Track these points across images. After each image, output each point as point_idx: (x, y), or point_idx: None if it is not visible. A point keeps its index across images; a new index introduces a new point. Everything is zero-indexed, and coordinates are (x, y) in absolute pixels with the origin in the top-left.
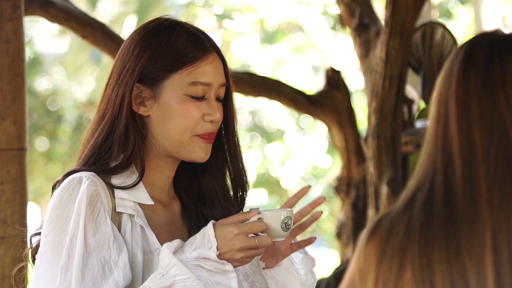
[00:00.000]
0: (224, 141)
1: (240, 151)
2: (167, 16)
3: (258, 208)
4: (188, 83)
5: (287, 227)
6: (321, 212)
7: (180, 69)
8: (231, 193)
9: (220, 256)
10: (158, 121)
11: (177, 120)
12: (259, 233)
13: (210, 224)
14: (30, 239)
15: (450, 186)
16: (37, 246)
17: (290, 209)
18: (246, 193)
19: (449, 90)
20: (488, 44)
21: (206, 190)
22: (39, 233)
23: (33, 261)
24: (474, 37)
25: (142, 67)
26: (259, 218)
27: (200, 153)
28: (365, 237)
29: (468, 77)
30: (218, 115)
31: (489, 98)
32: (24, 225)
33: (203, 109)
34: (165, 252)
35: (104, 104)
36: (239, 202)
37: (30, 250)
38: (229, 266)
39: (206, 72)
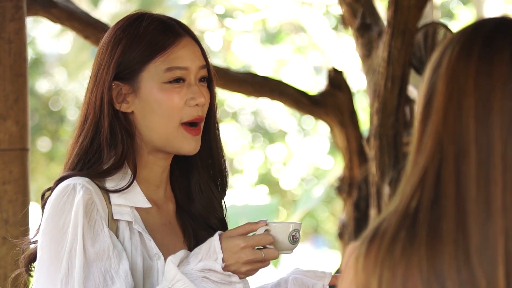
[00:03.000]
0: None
1: (219, 135)
2: (136, 11)
3: (266, 220)
4: (164, 70)
5: (295, 240)
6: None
7: (153, 58)
8: (213, 182)
9: (225, 268)
10: (142, 115)
11: (159, 110)
12: (267, 246)
13: (216, 236)
14: (23, 249)
15: (462, 183)
16: (31, 254)
17: (298, 222)
18: (226, 178)
19: (468, 68)
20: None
21: (193, 185)
22: (33, 242)
23: (26, 269)
24: (493, 19)
25: (116, 63)
26: (266, 230)
27: (188, 145)
28: (361, 252)
29: (491, 62)
30: (202, 99)
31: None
32: (26, 225)
33: (185, 95)
34: (170, 266)
35: (85, 108)
36: (220, 190)
37: (23, 258)
38: (235, 278)
39: (180, 57)
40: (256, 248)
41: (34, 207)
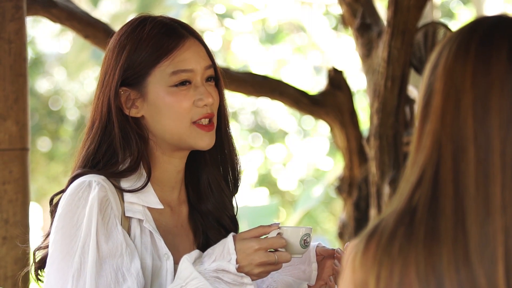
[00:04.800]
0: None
1: (230, 133)
2: (139, 15)
3: (279, 223)
4: (170, 74)
5: (306, 244)
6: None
7: (158, 62)
8: (224, 180)
9: (239, 269)
10: (152, 119)
11: (168, 113)
12: (279, 249)
13: (230, 237)
14: (34, 253)
15: (460, 181)
16: (40, 261)
17: (309, 226)
18: (238, 176)
19: (465, 67)
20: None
21: (202, 183)
22: (43, 247)
23: (36, 277)
24: (490, 18)
25: (122, 69)
26: (278, 233)
27: (202, 141)
28: (360, 249)
29: (489, 60)
30: (210, 99)
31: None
32: (26, 225)
33: (193, 96)
34: (185, 264)
35: (91, 114)
36: (232, 188)
37: (33, 265)
38: (247, 279)
39: (185, 59)
40: (268, 251)
41: (34, 207)
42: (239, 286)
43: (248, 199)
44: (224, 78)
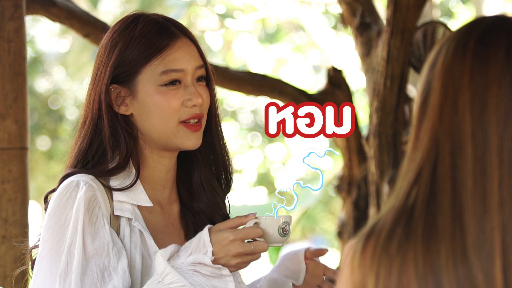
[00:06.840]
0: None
1: (222, 133)
2: (133, 12)
3: (255, 213)
4: (160, 73)
5: (285, 232)
6: (327, 250)
7: (149, 61)
8: (216, 180)
9: (215, 261)
10: (140, 117)
11: (157, 112)
12: (256, 238)
13: (205, 229)
14: (30, 252)
15: (458, 178)
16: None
17: (288, 215)
18: (230, 175)
19: (463, 65)
20: (509, 30)
21: (195, 182)
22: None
23: (33, 271)
24: (489, 17)
25: (113, 67)
26: (255, 223)
27: (189, 141)
28: (358, 249)
29: (486, 59)
30: (199, 100)
31: (509, 85)
32: (25, 224)
33: (182, 96)
34: (159, 259)
35: (84, 111)
36: (224, 187)
37: (30, 263)
38: (225, 271)
39: (176, 59)
40: (246, 241)
41: (33, 206)
42: (218, 278)
43: (246, 198)
44: (215, 78)
